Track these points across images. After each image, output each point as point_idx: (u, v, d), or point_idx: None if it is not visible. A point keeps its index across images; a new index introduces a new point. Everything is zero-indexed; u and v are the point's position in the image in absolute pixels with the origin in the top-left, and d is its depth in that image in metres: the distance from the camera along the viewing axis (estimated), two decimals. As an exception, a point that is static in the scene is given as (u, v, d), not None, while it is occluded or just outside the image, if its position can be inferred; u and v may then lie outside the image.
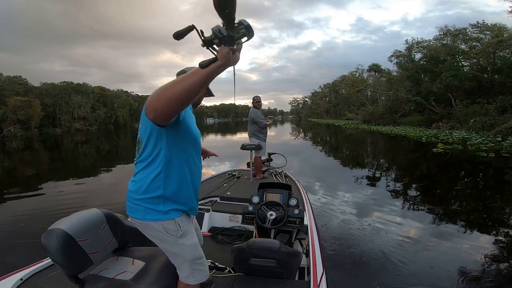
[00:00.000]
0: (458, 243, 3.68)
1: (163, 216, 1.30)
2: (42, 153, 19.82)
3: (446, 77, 23.06)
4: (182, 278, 1.44)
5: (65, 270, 1.39)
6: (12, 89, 43.59)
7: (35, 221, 4.72)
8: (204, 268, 1.48)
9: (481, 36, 26.52)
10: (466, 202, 5.49)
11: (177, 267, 1.45)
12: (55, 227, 1.39)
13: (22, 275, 1.82)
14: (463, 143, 12.45)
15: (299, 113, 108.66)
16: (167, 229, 1.32)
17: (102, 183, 8.54)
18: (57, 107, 51.71)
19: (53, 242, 1.33)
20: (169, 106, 1.01)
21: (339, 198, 5.81)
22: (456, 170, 8.51)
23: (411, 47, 32.75)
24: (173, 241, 1.35)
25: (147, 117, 1.11)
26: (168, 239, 1.35)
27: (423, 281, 2.86)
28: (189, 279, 1.43)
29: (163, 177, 1.28)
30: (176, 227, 1.33)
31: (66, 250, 1.35)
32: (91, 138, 34.19)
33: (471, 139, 13.72)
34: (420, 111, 28.33)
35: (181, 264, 1.43)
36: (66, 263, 1.37)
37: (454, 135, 15.81)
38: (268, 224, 2.57)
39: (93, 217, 1.57)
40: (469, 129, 18.09)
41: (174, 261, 1.44)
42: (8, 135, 39.25)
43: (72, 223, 1.44)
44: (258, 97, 5.12)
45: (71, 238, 1.38)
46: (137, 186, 1.31)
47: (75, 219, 1.49)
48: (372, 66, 40.30)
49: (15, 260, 3.22)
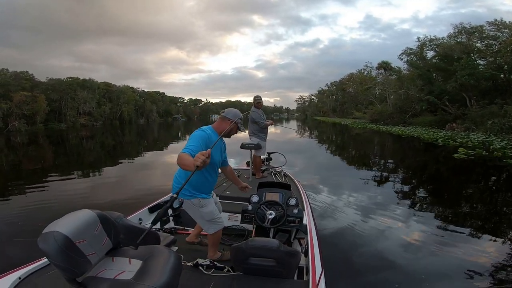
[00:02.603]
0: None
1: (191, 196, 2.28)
2: (45, 148, 19.82)
3: (461, 76, 22.05)
4: (204, 230, 2.48)
5: (67, 273, 1.35)
6: (18, 84, 43.63)
7: (35, 220, 4.68)
8: (217, 225, 2.38)
9: (498, 34, 25.39)
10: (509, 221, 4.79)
11: (201, 225, 2.46)
12: (52, 229, 1.34)
13: (21, 274, 1.81)
14: (486, 148, 11.49)
15: (305, 111, 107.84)
16: (194, 203, 2.29)
17: (105, 181, 8.45)
18: (62, 102, 51.82)
19: (52, 245, 1.29)
20: (180, 166, 1.87)
21: (342, 199, 5.74)
22: (487, 181, 7.60)
23: (423, 45, 31.63)
24: (196, 209, 2.31)
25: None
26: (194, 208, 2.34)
27: (424, 282, 2.86)
28: (209, 230, 2.37)
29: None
30: (199, 202, 2.29)
31: (66, 252, 1.31)
32: (96, 133, 34.32)
33: (492, 143, 12.77)
34: (432, 111, 27.37)
35: (203, 222, 2.38)
36: (67, 265, 1.33)
37: (473, 138, 14.73)
38: (267, 223, 2.60)
39: (86, 218, 1.52)
40: (487, 131, 17.17)
41: (200, 221, 2.42)
42: (13, 130, 39.38)
43: (68, 225, 1.39)
44: (259, 97, 5.14)
45: (69, 240, 1.33)
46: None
47: (70, 220, 1.44)
48: (382, 63, 39.31)
49: (13, 258, 3.13)
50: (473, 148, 11.56)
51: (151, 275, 1.43)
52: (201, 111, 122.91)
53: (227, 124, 2.30)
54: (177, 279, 1.51)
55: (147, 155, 15.06)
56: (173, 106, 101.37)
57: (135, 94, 76.46)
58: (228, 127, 2.26)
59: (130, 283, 1.41)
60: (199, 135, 2.16)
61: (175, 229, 3.21)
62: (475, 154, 10.11)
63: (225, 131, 2.23)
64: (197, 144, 2.05)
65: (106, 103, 62.40)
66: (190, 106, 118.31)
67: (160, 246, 1.84)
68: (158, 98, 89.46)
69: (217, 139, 2.09)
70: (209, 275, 2.10)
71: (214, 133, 2.29)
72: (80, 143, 23.55)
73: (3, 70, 46.64)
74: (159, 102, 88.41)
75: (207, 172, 2.27)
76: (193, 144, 2.04)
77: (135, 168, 10.81)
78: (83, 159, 13.98)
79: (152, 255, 1.61)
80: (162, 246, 1.80)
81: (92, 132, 37.10)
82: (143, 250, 1.67)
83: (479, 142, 13.34)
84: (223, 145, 2.54)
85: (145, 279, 1.41)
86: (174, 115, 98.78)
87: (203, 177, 2.25)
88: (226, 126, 2.28)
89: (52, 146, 21.49)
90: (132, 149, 18.43)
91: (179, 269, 1.59)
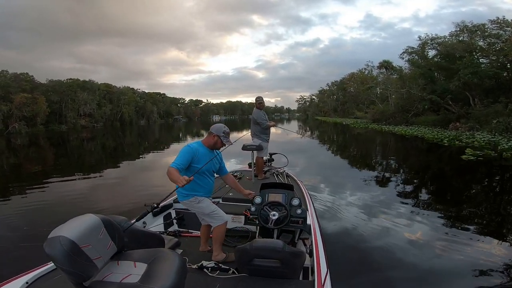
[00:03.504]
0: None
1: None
2: (45, 150, 19.75)
3: (464, 74, 21.78)
4: (209, 223, 2.66)
5: (73, 277, 1.36)
6: (18, 86, 43.63)
7: (39, 224, 4.66)
8: (218, 218, 2.56)
9: (501, 32, 25.13)
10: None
11: (206, 220, 2.66)
12: (57, 234, 1.34)
13: (28, 278, 1.82)
14: (494, 148, 11.09)
15: (306, 111, 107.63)
16: (191, 201, 2.59)
17: (108, 183, 8.40)
18: (63, 103, 51.80)
19: (59, 250, 1.29)
20: (169, 178, 2.30)
21: (345, 198, 5.67)
22: (501, 184, 7.23)
23: (425, 44, 31.37)
24: (195, 206, 2.59)
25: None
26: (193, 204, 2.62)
27: (429, 281, 2.83)
28: (213, 223, 2.58)
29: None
30: (195, 199, 2.57)
31: (73, 257, 1.32)
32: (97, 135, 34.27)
33: (499, 142, 12.41)
34: (435, 111, 27.09)
35: (205, 217, 2.63)
36: (74, 270, 1.33)
37: (479, 138, 14.29)
38: (271, 224, 2.60)
39: (91, 222, 1.52)
40: (492, 130, 16.88)
41: (201, 217, 2.70)
42: (13, 132, 39.37)
43: (73, 230, 1.39)
44: (260, 98, 5.11)
45: (75, 245, 1.34)
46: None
47: (74, 225, 1.44)
48: (383, 62, 38.98)
49: (20, 263, 3.11)
50: (481, 148, 11.15)
51: (157, 278, 1.43)
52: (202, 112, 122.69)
53: (212, 138, 2.63)
54: (182, 282, 1.51)
55: (148, 156, 14.98)
56: (173, 107, 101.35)
57: (136, 95, 76.43)
58: (213, 140, 2.63)
59: (137, 286, 1.42)
60: (186, 151, 2.51)
61: (179, 232, 3.23)
62: (483, 155, 9.71)
63: (213, 143, 2.64)
64: (183, 160, 2.45)
65: (107, 105, 62.39)
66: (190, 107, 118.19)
67: (165, 249, 1.85)
68: (158, 99, 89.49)
69: (205, 152, 2.61)
70: (214, 277, 2.11)
71: (202, 147, 2.64)
72: (81, 144, 23.50)
73: (3, 71, 46.73)
74: (159, 103, 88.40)
75: (198, 179, 2.54)
76: (180, 161, 2.44)
77: (137, 170, 10.78)
78: (84, 161, 13.93)
79: (157, 258, 1.61)
80: (167, 249, 1.81)
81: (92, 133, 37.07)
82: (148, 253, 1.67)
83: (486, 142, 12.97)
84: (218, 156, 2.75)
85: (151, 282, 1.42)
86: (174, 116, 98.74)
87: (195, 182, 2.48)
88: (211, 140, 2.63)
89: (53, 148, 21.51)
90: (133, 151, 18.46)
91: (184, 271, 1.58)
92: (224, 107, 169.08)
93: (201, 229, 2.81)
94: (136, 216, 3.09)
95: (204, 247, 2.82)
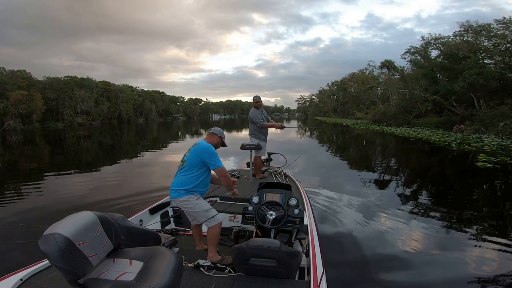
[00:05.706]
0: None
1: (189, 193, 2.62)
2: (41, 148, 19.37)
3: (470, 75, 21.31)
4: (202, 222, 2.64)
5: (68, 274, 1.34)
6: (14, 83, 43.11)
7: (35, 221, 4.59)
8: (214, 218, 2.54)
9: (506, 32, 24.71)
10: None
11: (196, 218, 2.63)
12: (52, 231, 1.32)
13: (22, 275, 1.81)
14: (508, 154, 10.26)
15: (305, 111, 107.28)
16: (190, 198, 2.55)
17: (105, 181, 8.17)
18: (60, 101, 51.26)
19: (53, 247, 1.28)
20: (226, 180, 2.73)
21: (343, 199, 5.64)
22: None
23: (428, 44, 30.93)
24: (193, 201, 2.55)
25: (206, 164, 2.60)
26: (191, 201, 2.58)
27: (426, 283, 2.82)
28: (209, 225, 2.54)
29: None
30: (195, 196, 2.56)
31: (68, 254, 1.30)
32: (94, 132, 33.84)
33: (510, 147, 11.85)
34: (438, 112, 26.61)
35: (198, 216, 2.59)
36: (68, 267, 1.32)
37: (489, 142, 13.54)
38: (268, 224, 2.59)
39: (87, 220, 1.49)
40: (498, 133, 16.39)
41: (192, 215, 2.66)
42: (9, 129, 38.94)
43: (68, 227, 1.37)
44: (258, 97, 5.09)
45: (70, 242, 1.32)
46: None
47: (70, 222, 1.41)
48: (385, 62, 38.51)
49: (15, 260, 3.06)
50: (493, 154, 10.38)
51: (153, 276, 1.43)
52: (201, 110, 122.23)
53: (215, 139, 2.84)
54: (178, 280, 1.51)
55: (146, 155, 14.69)
56: (172, 106, 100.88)
57: (134, 93, 75.82)
58: (216, 141, 2.84)
59: (132, 284, 1.41)
60: (215, 151, 2.70)
61: (176, 230, 3.22)
62: (498, 161, 9.01)
63: (216, 143, 2.82)
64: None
65: (105, 102, 61.81)
66: (190, 106, 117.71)
67: (161, 247, 1.83)
68: (157, 97, 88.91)
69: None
70: (210, 276, 2.10)
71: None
72: (77, 142, 23.07)
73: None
74: (158, 101, 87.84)
75: (181, 172, 2.63)
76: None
77: (134, 168, 10.74)
78: (81, 159, 13.75)
79: (153, 256, 1.61)
80: (163, 247, 1.78)
81: (90, 131, 36.66)
82: (144, 251, 1.67)
83: (496, 146, 12.26)
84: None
85: (147, 280, 1.40)
86: (173, 115, 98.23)
87: (182, 175, 2.61)
88: (215, 140, 2.83)
89: (49, 145, 21.20)
90: (131, 149, 18.28)
91: (180, 270, 1.57)
92: (223, 106, 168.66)
93: (193, 229, 2.77)
94: (133, 213, 3.14)
95: (200, 246, 2.82)
